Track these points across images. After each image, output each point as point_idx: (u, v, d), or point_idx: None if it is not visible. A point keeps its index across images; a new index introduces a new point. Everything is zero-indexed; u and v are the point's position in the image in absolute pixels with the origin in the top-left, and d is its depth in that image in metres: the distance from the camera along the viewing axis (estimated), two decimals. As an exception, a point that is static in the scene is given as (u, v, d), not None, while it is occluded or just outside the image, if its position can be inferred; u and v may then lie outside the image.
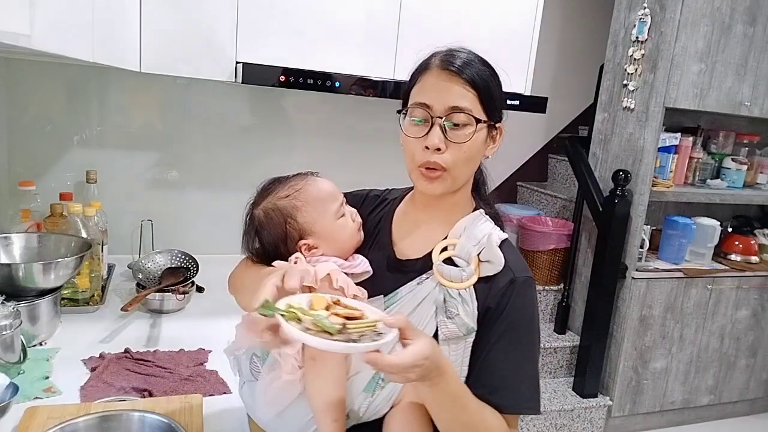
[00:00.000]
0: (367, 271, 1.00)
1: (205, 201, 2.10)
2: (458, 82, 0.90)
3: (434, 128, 0.90)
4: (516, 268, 0.93)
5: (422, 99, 0.92)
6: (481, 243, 0.93)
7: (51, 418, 1.02)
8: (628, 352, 2.88)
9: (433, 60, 0.93)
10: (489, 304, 0.91)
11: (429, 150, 0.91)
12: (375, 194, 1.14)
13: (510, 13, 2.01)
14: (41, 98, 1.87)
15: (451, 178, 0.93)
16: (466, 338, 0.90)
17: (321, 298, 0.80)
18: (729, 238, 3.18)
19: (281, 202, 1.01)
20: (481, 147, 0.94)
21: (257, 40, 1.73)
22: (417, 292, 0.94)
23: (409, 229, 1.03)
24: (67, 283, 1.46)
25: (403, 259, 1.00)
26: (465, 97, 0.90)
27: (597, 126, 3.01)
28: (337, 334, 0.73)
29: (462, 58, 0.92)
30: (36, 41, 0.88)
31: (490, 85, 0.92)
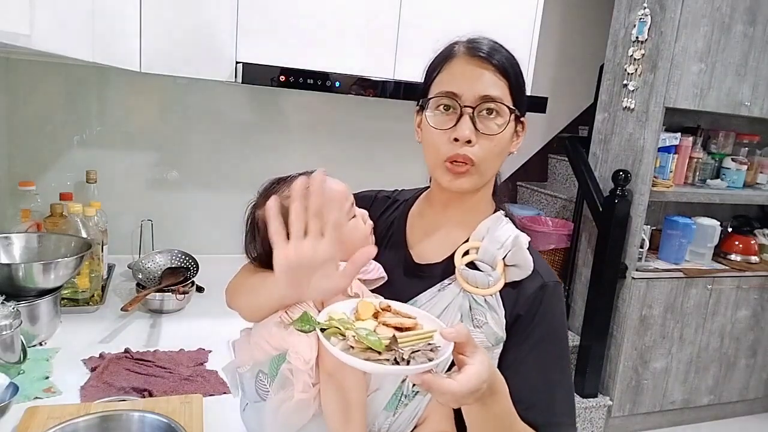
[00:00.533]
0: (381, 276, 0.92)
1: (205, 201, 2.10)
2: (489, 68, 0.84)
3: (464, 118, 0.83)
4: (544, 272, 0.88)
5: (449, 87, 0.85)
6: (505, 246, 0.87)
7: (51, 418, 1.02)
8: (628, 352, 2.88)
9: (457, 47, 0.87)
10: (518, 312, 0.85)
11: (458, 142, 0.83)
12: (385, 195, 1.07)
13: (510, 13, 2.01)
14: (41, 98, 1.87)
15: (479, 174, 0.86)
16: (494, 349, 0.84)
17: (368, 305, 0.72)
18: (729, 238, 3.18)
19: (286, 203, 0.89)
20: (509, 141, 0.88)
21: (257, 40, 1.73)
22: (439, 299, 0.87)
23: (426, 232, 0.96)
24: (67, 283, 1.46)
25: (422, 263, 0.93)
26: (496, 85, 0.84)
27: (597, 126, 3.01)
28: (386, 351, 0.64)
29: (489, 44, 0.86)
30: (36, 41, 0.88)
31: (519, 74, 0.87)
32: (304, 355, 0.78)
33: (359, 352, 0.64)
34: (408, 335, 0.67)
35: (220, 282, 1.92)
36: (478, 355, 0.68)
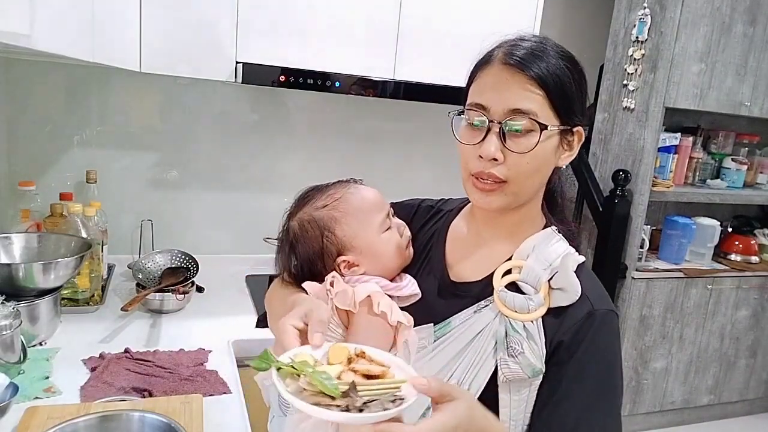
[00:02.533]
0: (415, 293, 0.88)
1: (205, 201, 2.10)
2: (522, 79, 0.75)
3: (490, 135, 0.76)
4: (595, 298, 0.78)
5: (479, 99, 0.78)
6: (552, 267, 0.79)
7: (51, 418, 1.02)
8: (628, 352, 2.88)
9: (497, 52, 0.79)
10: (560, 340, 0.76)
11: (484, 160, 0.77)
12: (428, 205, 1.00)
13: (510, 13, 2.01)
14: (41, 98, 1.87)
15: (512, 193, 0.79)
16: (532, 381, 0.76)
17: (342, 349, 0.69)
18: (729, 238, 3.18)
19: (318, 213, 0.89)
20: (551, 155, 0.79)
21: (257, 40, 1.73)
22: (473, 322, 0.80)
23: (467, 247, 0.89)
24: (67, 283, 1.46)
25: (459, 281, 0.86)
26: (529, 97, 0.75)
27: (597, 126, 3.01)
28: (342, 397, 0.61)
29: (529, 49, 0.77)
30: (36, 41, 0.88)
31: (564, 82, 0.76)
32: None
33: (310, 395, 0.62)
34: (370, 383, 0.64)
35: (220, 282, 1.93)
36: (451, 405, 0.62)
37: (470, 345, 0.79)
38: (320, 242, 0.89)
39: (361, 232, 0.89)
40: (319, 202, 0.91)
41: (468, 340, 0.79)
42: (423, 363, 0.81)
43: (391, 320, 0.80)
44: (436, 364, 0.80)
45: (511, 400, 0.76)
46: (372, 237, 0.89)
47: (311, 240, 0.89)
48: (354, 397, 0.61)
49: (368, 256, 0.89)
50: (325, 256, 0.89)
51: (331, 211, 0.89)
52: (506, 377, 0.76)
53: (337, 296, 0.82)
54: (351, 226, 0.89)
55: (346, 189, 0.92)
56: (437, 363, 0.80)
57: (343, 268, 0.89)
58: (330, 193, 0.92)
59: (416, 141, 2.27)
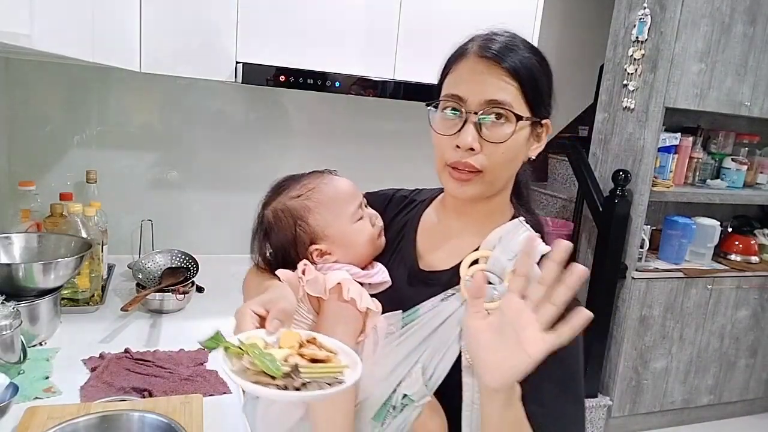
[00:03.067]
0: (385, 281, 0.90)
1: (205, 201, 2.10)
2: (497, 71, 0.78)
3: (467, 125, 0.79)
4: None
5: (456, 91, 0.80)
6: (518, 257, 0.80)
7: (51, 418, 1.02)
8: (628, 352, 2.88)
9: (471, 45, 0.82)
10: None
11: (461, 149, 0.79)
12: (402, 195, 1.03)
13: (510, 13, 2.01)
14: (41, 98, 1.87)
15: (487, 182, 0.81)
16: None
17: (293, 335, 0.71)
18: (729, 238, 3.18)
19: (292, 203, 0.92)
20: (524, 146, 0.82)
21: (257, 40, 1.73)
22: (440, 309, 0.82)
23: (437, 237, 0.91)
24: (67, 283, 1.46)
25: (428, 270, 0.89)
26: (504, 89, 0.78)
27: (597, 126, 3.01)
28: (283, 377, 0.64)
29: (503, 42, 0.80)
30: (36, 41, 0.88)
31: (536, 75, 0.80)
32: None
33: (252, 374, 0.65)
34: (313, 366, 0.66)
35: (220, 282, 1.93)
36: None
37: (436, 331, 0.81)
38: (293, 231, 0.91)
39: (333, 221, 0.91)
40: (293, 192, 0.93)
41: (434, 326, 0.81)
42: (391, 348, 0.83)
43: (360, 306, 0.83)
44: (404, 350, 0.82)
45: (474, 384, 0.77)
46: (344, 226, 0.91)
47: (284, 229, 0.92)
48: (294, 378, 0.64)
49: (340, 245, 0.91)
50: (298, 244, 0.91)
51: (305, 201, 0.92)
52: (469, 362, 0.77)
53: (309, 283, 0.85)
54: (323, 216, 0.91)
55: (320, 179, 0.95)
56: (404, 348, 0.82)
57: (315, 257, 0.91)
58: (304, 183, 0.94)
59: (416, 141, 2.27)
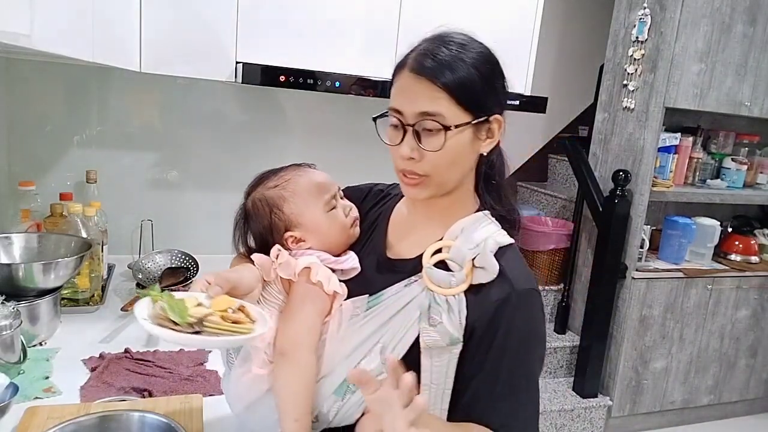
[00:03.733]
0: (354, 268, 0.96)
1: (205, 201, 2.10)
2: (428, 86, 0.82)
3: (407, 136, 0.85)
4: (515, 277, 0.84)
5: (394, 104, 0.87)
6: (478, 247, 0.85)
7: (51, 418, 1.02)
8: (628, 352, 2.88)
9: (409, 58, 0.87)
10: (479, 317, 0.83)
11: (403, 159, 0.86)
12: (379, 189, 1.09)
13: (510, 13, 2.01)
14: (41, 98, 1.87)
15: (435, 184, 0.87)
16: (451, 349, 0.83)
17: (226, 300, 0.80)
18: (729, 238, 3.18)
19: (269, 192, 0.99)
20: (467, 147, 0.86)
21: (257, 40, 1.73)
22: (403, 294, 0.88)
23: (406, 228, 0.97)
24: (67, 283, 1.46)
25: (395, 258, 0.95)
26: (436, 100, 0.82)
27: (597, 126, 3.01)
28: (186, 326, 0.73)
29: (436, 54, 0.83)
30: (36, 41, 0.88)
31: (469, 82, 0.83)
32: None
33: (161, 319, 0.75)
34: (219, 323, 0.75)
35: (220, 282, 1.90)
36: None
37: (397, 314, 0.87)
38: (269, 218, 0.98)
39: (306, 210, 0.97)
40: (271, 183, 1.01)
41: (396, 310, 0.87)
42: (354, 329, 0.89)
43: (327, 289, 0.90)
44: (366, 330, 0.88)
45: (431, 365, 0.83)
46: (317, 215, 0.97)
47: (261, 217, 0.99)
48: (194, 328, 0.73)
49: (313, 233, 0.97)
50: (274, 231, 0.98)
51: (281, 191, 0.99)
52: (427, 344, 0.83)
53: (281, 266, 0.91)
54: (297, 205, 0.97)
55: (296, 172, 1.02)
56: (367, 329, 0.88)
57: (290, 243, 0.97)
58: (281, 174, 1.02)
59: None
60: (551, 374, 3.05)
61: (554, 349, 3.01)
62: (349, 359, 0.87)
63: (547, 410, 2.76)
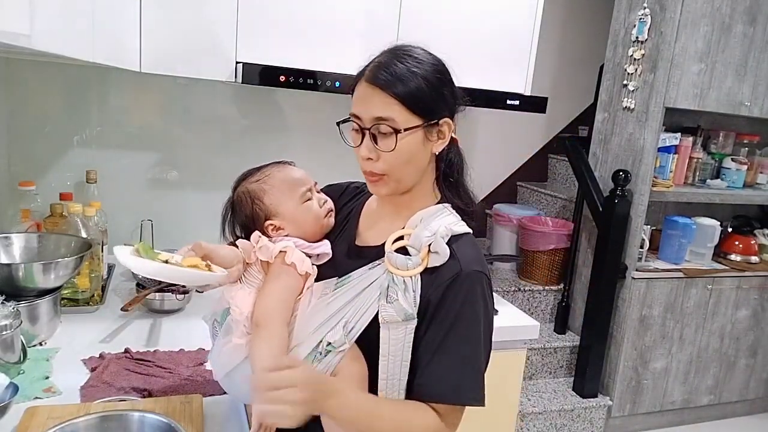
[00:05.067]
0: (326, 253, 1.06)
1: (205, 201, 2.10)
2: (381, 94, 0.94)
3: (365, 138, 0.96)
4: (465, 261, 0.94)
5: (354, 110, 0.99)
6: (435, 234, 0.96)
7: (51, 418, 1.02)
8: (628, 352, 2.88)
9: (366, 70, 0.98)
10: (431, 296, 0.93)
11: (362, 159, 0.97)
12: (355, 186, 1.20)
13: (510, 13, 2.01)
14: (41, 98, 1.87)
15: (393, 181, 0.98)
16: (406, 324, 0.93)
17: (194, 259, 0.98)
18: (729, 238, 3.18)
19: (251, 186, 1.11)
20: (419, 147, 0.96)
21: (257, 40, 1.73)
22: (366, 276, 0.98)
23: (375, 220, 1.08)
24: (67, 283, 1.46)
25: (363, 246, 1.06)
26: (388, 106, 0.93)
27: (597, 126, 3.01)
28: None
29: (390, 67, 0.94)
30: (36, 41, 0.88)
31: (418, 91, 0.94)
32: (242, 307, 0.99)
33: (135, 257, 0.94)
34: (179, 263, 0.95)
35: (220, 282, 1.90)
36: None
37: (361, 294, 0.97)
38: (251, 209, 1.09)
39: (284, 201, 1.08)
40: (254, 178, 1.12)
41: (360, 289, 0.97)
42: (322, 306, 0.99)
43: (300, 270, 1.01)
44: (333, 307, 0.98)
45: (389, 338, 0.93)
46: (293, 206, 1.08)
47: (245, 207, 1.10)
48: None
49: (290, 221, 1.08)
50: (256, 220, 1.09)
51: (261, 184, 1.10)
52: (384, 319, 0.93)
53: (260, 250, 1.03)
54: (276, 196, 1.08)
55: (276, 168, 1.13)
56: (333, 306, 0.98)
57: (270, 231, 1.08)
58: (263, 170, 1.13)
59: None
60: (551, 374, 3.05)
61: (554, 349, 3.01)
62: (317, 333, 0.97)
63: (547, 410, 2.76)
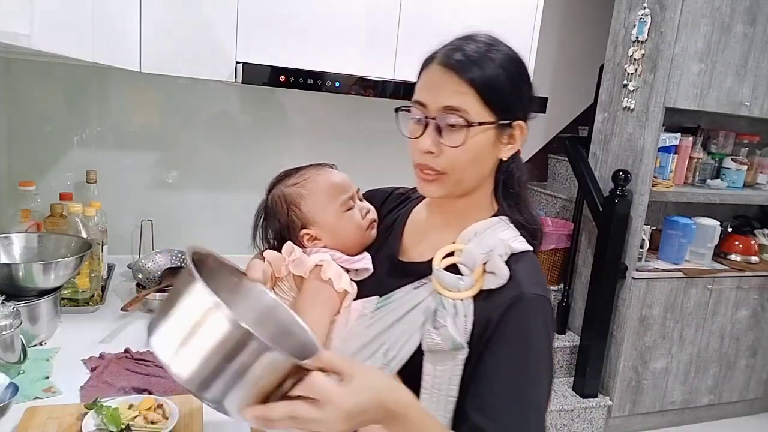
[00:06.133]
0: (366, 268, 0.96)
1: (205, 201, 2.10)
2: (454, 80, 0.81)
3: (428, 129, 0.83)
4: (526, 283, 0.81)
5: (418, 97, 0.85)
6: (492, 252, 0.83)
7: (51, 418, 1.02)
8: (628, 352, 2.88)
9: (438, 53, 0.85)
10: (488, 319, 0.80)
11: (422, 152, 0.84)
12: (400, 192, 1.09)
13: (510, 12, 2.01)
14: (41, 98, 1.87)
15: (452, 183, 0.85)
16: (455, 355, 0.80)
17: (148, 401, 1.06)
18: (729, 238, 3.18)
19: (288, 190, 1.01)
20: (488, 149, 0.85)
21: (257, 40, 1.73)
22: (411, 297, 0.87)
23: (421, 231, 0.96)
24: (67, 283, 1.46)
25: (408, 261, 0.94)
26: (461, 96, 0.81)
27: (597, 126, 3.01)
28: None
29: (467, 50, 0.82)
30: (36, 41, 0.88)
31: (497, 82, 0.82)
32: None
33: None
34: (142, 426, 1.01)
35: (220, 282, 1.90)
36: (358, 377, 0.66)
37: (404, 317, 0.86)
38: (286, 215, 1.00)
39: (323, 209, 0.99)
40: (291, 181, 1.03)
41: (403, 312, 0.86)
42: (361, 329, 0.89)
43: (337, 287, 0.91)
44: (372, 331, 0.87)
45: (434, 369, 0.81)
46: (333, 214, 0.99)
47: (279, 213, 1.01)
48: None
49: (329, 231, 0.98)
50: (291, 228, 1.00)
51: (299, 189, 1.01)
52: (429, 347, 0.81)
53: (293, 263, 0.94)
54: (315, 203, 0.99)
55: (316, 171, 1.04)
56: (373, 330, 0.87)
57: (306, 241, 0.99)
58: (301, 173, 1.04)
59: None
60: (551, 374, 3.04)
61: (554, 349, 3.00)
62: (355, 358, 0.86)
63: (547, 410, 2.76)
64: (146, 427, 1.00)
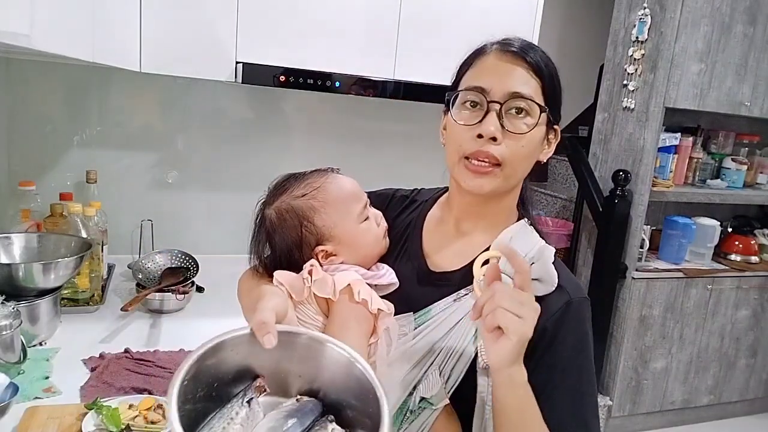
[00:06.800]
0: (393, 282, 0.88)
1: (205, 201, 2.10)
2: (522, 65, 0.79)
3: (490, 114, 0.78)
4: (571, 287, 0.81)
5: (478, 82, 0.80)
6: (529, 257, 0.79)
7: (51, 418, 1.02)
8: (628, 352, 2.88)
9: (489, 45, 0.83)
10: (543, 328, 0.76)
11: (482, 139, 0.78)
12: (402, 195, 1.02)
13: (510, 13, 2.01)
14: (41, 98, 1.87)
15: (503, 176, 0.80)
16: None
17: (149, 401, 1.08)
18: (729, 238, 3.18)
19: (297, 202, 0.89)
20: (539, 144, 0.82)
21: (257, 40, 1.73)
22: (454, 310, 0.81)
23: (445, 237, 0.90)
24: (67, 283, 1.46)
25: (437, 271, 0.87)
26: (528, 82, 0.79)
27: (597, 126, 3.01)
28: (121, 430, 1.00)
29: (523, 42, 0.82)
30: (36, 41, 0.88)
31: (556, 79, 0.82)
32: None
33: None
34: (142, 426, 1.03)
35: (220, 282, 1.93)
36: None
37: (451, 332, 0.81)
38: (299, 232, 0.88)
39: (340, 221, 0.88)
40: (298, 191, 0.90)
41: (449, 327, 0.81)
42: (404, 350, 0.82)
43: (372, 308, 0.81)
44: (418, 351, 0.82)
45: (489, 385, 0.77)
46: (351, 227, 0.89)
47: (289, 229, 0.89)
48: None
49: (347, 246, 0.89)
50: (304, 245, 0.89)
51: (310, 201, 0.89)
52: (486, 363, 0.76)
53: (316, 284, 0.82)
54: (330, 216, 0.88)
55: (325, 178, 0.92)
56: (419, 349, 0.82)
57: (321, 258, 0.89)
58: (308, 182, 0.92)
59: (416, 141, 2.27)
60: (551, 374, 3.04)
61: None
62: (403, 385, 0.80)
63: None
64: (146, 427, 1.02)
